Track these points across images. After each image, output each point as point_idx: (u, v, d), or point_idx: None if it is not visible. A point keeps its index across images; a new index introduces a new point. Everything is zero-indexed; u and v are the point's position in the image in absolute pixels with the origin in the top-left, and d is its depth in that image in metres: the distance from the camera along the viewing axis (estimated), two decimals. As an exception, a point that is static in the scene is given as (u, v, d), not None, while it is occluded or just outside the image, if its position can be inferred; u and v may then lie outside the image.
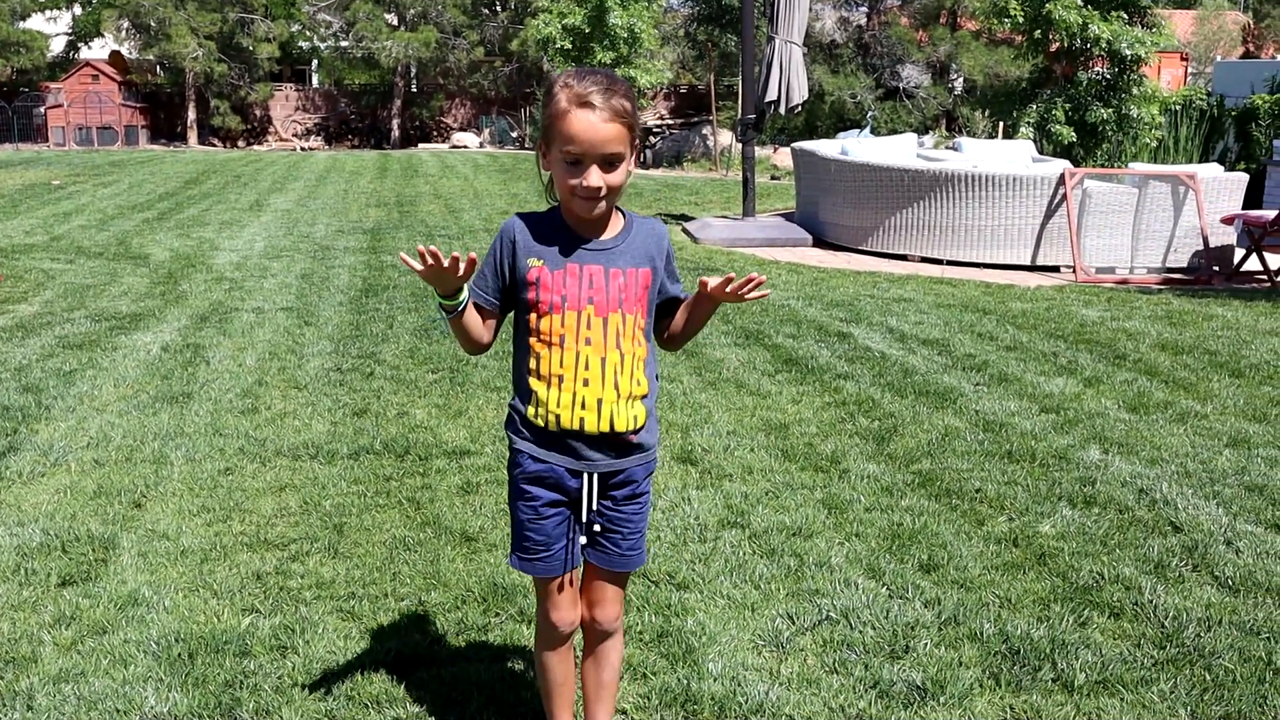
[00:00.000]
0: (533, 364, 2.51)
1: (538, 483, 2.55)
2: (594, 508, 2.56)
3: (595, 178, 2.39)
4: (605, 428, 2.49)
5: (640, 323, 2.52)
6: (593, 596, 2.68)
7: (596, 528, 2.59)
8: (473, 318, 2.54)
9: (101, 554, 4.04)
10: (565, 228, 2.50)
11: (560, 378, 2.47)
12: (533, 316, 2.50)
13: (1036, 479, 4.91)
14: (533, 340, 2.50)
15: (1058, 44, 16.52)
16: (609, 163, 2.40)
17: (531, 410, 2.52)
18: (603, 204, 2.44)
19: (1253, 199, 13.91)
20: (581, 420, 2.48)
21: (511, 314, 2.62)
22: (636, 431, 2.54)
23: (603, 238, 2.50)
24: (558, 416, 2.48)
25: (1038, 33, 16.66)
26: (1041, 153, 15.64)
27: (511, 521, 2.64)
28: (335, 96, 37.46)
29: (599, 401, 2.47)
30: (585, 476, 2.54)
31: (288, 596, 3.72)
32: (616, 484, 2.58)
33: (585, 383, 2.46)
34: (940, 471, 5.00)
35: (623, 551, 2.62)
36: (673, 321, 2.68)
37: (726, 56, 31.72)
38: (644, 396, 2.55)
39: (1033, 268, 11.26)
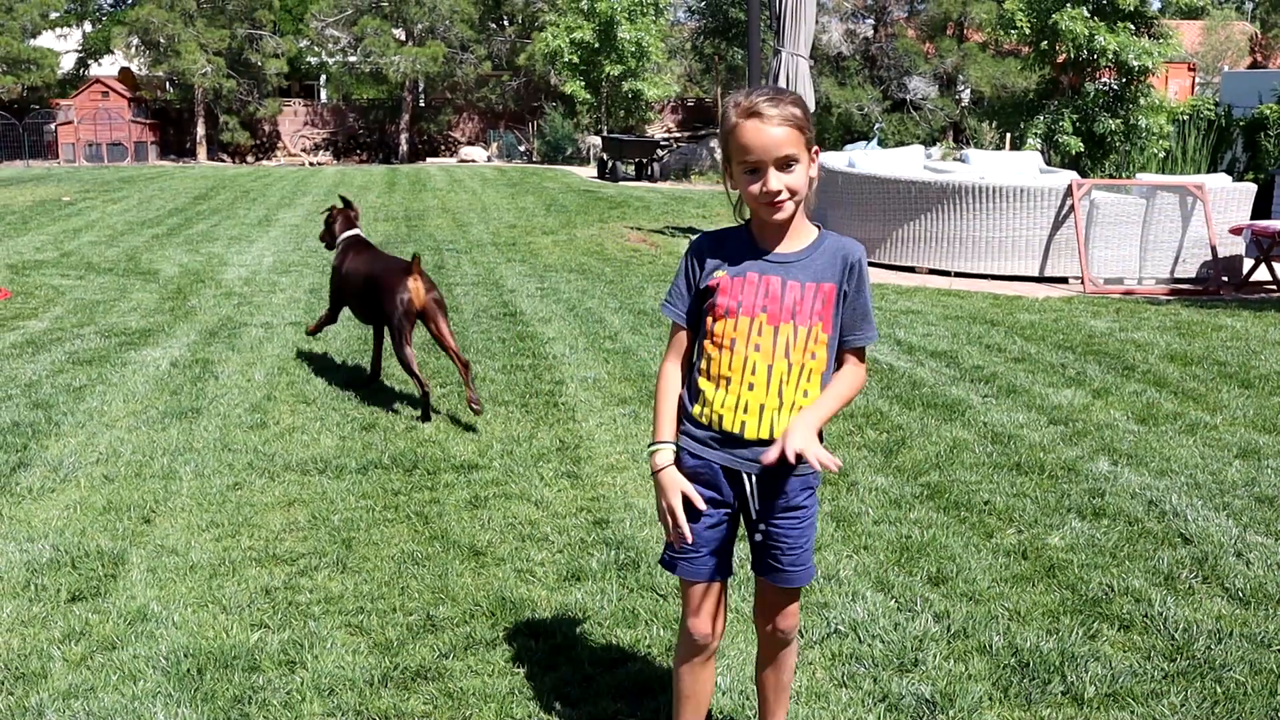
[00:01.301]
0: (704, 364, 2.58)
1: (693, 479, 2.59)
2: (758, 506, 2.58)
3: (774, 180, 2.45)
4: (765, 434, 2.52)
5: (819, 336, 2.54)
6: (767, 610, 2.72)
7: (759, 536, 2.61)
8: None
9: (111, 569, 4.04)
10: (751, 240, 2.57)
11: (727, 379, 2.53)
12: (709, 319, 2.57)
13: (1045, 491, 4.90)
14: (706, 342, 2.58)
15: (1064, 55, 16.54)
16: (785, 166, 2.45)
17: (698, 409, 2.59)
18: (789, 207, 2.49)
19: (1261, 209, 13.89)
20: (743, 424, 2.53)
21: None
22: None
23: (787, 250, 2.55)
24: (720, 417, 2.54)
25: (1044, 44, 16.68)
26: (1049, 164, 15.64)
27: (660, 517, 2.67)
28: (343, 111, 37.60)
29: (761, 407, 2.52)
30: (745, 478, 2.57)
31: (296, 611, 3.73)
32: (768, 492, 2.59)
33: (750, 387, 2.52)
34: (949, 484, 4.99)
35: (783, 567, 2.63)
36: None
37: (733, 70, 31.78)
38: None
39: (1041, 279, 11.26)
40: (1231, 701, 3.19)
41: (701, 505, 2.56)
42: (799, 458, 2.40)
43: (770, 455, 2.45)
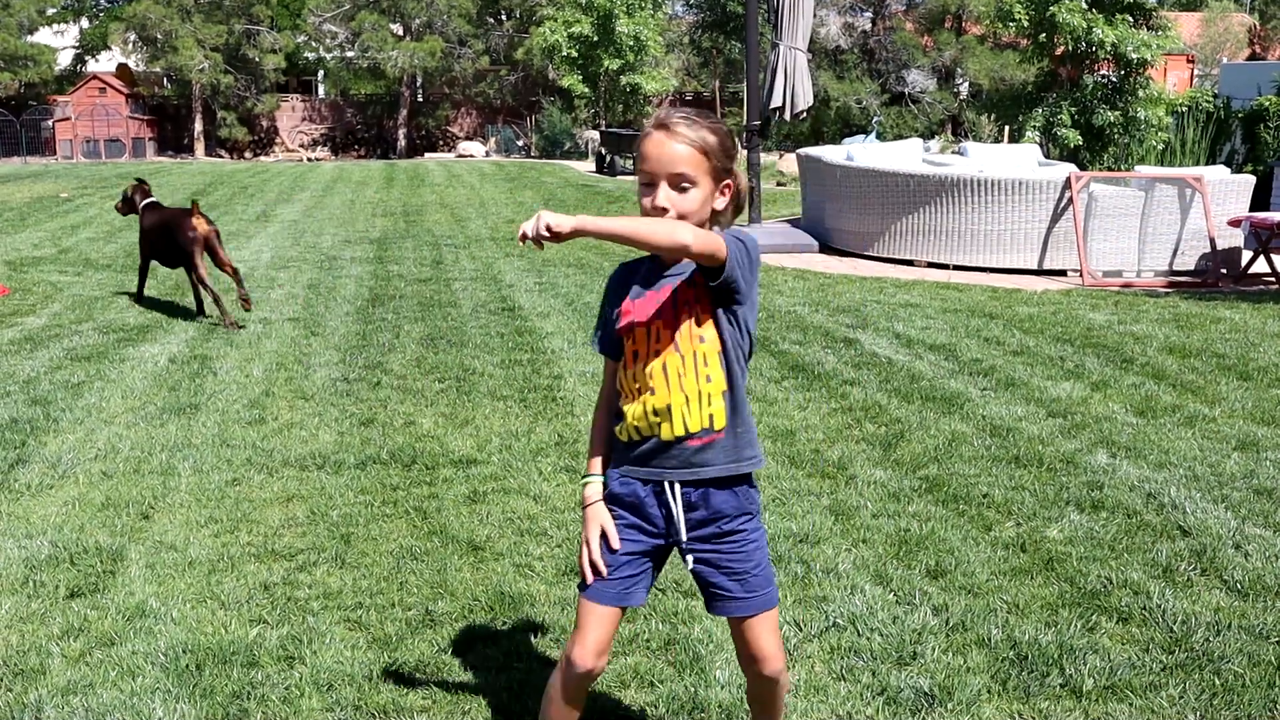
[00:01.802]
0: (620, 386, 2.53)
1: (619, 503, 2.52)
2: (683, 520, 2.48)
3: (662, 198, 2.40)
4: (680, 431, 2.44)
5: (701, 317, 2.45)
6: (747, 654, 2.56)
7: (690, 560, 2.51)
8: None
9: (109, 566, 4.04)
10: (656, 261, 2.51)
11: (637, 390, 2.47)
12: (626, 342, 2.51)
13: (1044, 484, 4.91)
14: (620, 366, 2.53)
15: (1063, 48, 16.53)
16: (678, 185, 2.40)
17: (618, 429, 2.52)
18: None
19: (1260, 201, 13.88)
20: (658, 425, 2.45)
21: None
22: (717, 432, 2.46)
23: (678, 263, 2.49)
24: (637, 428, 2.48)
25: (1042, 36, 16.66)
26: (1048, 156, 15.64)
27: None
28: (341, 107, 37.57)
29: (668, 408, 2.45)
30: (668, 486, 2.47)
31: (295, 607, 3.73)
32: (698, 521, 2.49)
33: (652, 391, 2.45)
34: (947, 477, 4.99)
35: (733, 595, 2.51)
36: None
37: (731, 63, 31.77)
38: (723, 393, 2.46)
39: (1039, 272, 11.25)
40: (1230, 693, 3.19)
41: (616, 544, 2.49)
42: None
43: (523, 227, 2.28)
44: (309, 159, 33.52)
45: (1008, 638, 3.49)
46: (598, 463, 2.58)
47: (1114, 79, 16.60)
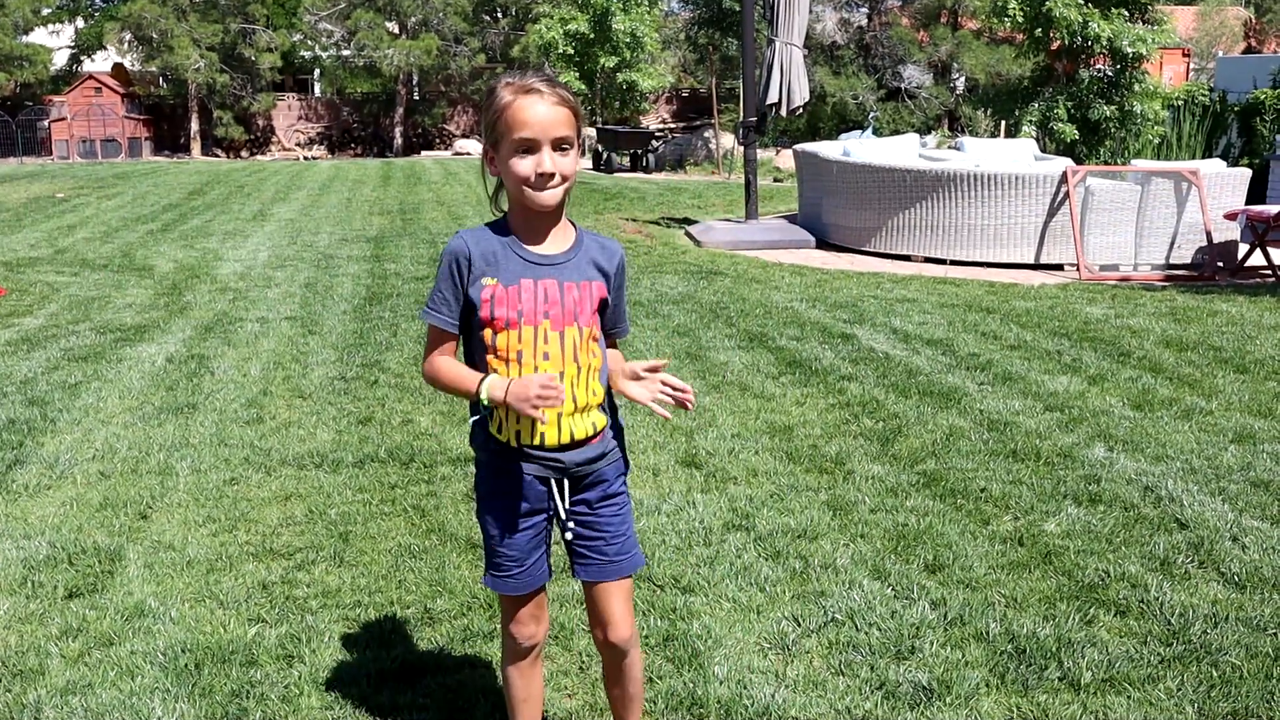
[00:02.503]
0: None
1: (505, 496, 2.53)
2: (567, 506, 2.54)
3: (548, 161, 2.38)
4: (565, 439, 2.49)
5: (595, 334, 2.51)
6: (602, 617, 2.62)
7: (569, 535, 2.55)
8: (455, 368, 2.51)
9: (108, 566, 4.04)
10: (515, 241, 2.47)
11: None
12: (488, 333, 2.45)
13: (1041, 478, 4.91)
14: (490, 357, 2.46)
15: (1059, 42, 16.52)
16: (559, 147, 2.39)
17: (494, 426, 2.50)
18: (559, 193, 2.42)
19: (1256, 194, 13.89)
20: (542, 435, 2.47)
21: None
22: (597, 435, 2.54)
23: (553, 252, 2.47)
24: (518, 432, 2.48)
25: (1038, 31, 16.66)
26: (1044, 151, 15.64)
27: (483, 538, 2.62)
28: (338, 105, 37.54)
29: (559, 416, 2.46)
30: (554, 483, 2.52)
31: (294, 606, 3.73)
32: (588, 484, 2.55)
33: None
34: (945, 471, 4.99)
35: (611, 558, 2.58)
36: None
37: (728, 60, 31.74)
38: (600, 405, 2.55)
39: (1036, 266, 11.25)
40: (1228, 685, 3.19)
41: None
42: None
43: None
44: (305, 158, 33.50)
45: (1006, 631, 3.50)
46: (473, 376, 2.49)
47: (1110, 73, 16.60)
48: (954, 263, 11.41)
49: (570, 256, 2.49)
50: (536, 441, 2.48)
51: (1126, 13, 16.38)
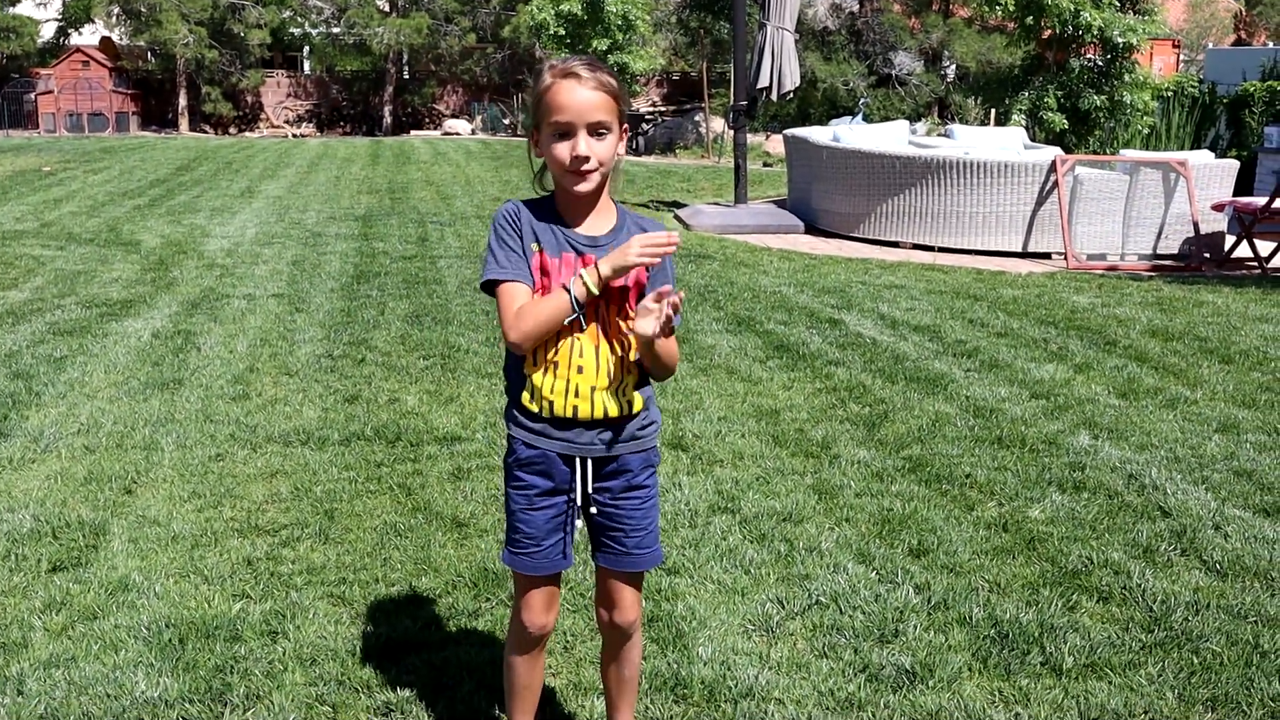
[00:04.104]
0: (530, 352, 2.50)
1: (530, 468, 2.54)
2: (589, 491, 2.53)
3: (584, 145, 2.38)
4: (599, 414, 2.48)
5: (632, 315, 2.49)
6: (609, 600, 2.65)
7: (594, 510, 2.55)
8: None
9: (92, 540, 4.03)
10: (559, 218, 2.49)
11: (555, 364, 2.47)
12: None
13: (1026, 464, 4.93)
14: None
15: (1050, 31, 16.50)
16: (596, 132, 2.40)
17: (526, 396, 2.52)
18: (595, 178, 2.42)
19: (1243, 186, 13.93)
20: (575, 408, 2.47)
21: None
22: (632, 416, 2.53)
23: (596, 234, 2.48)
24: (551, 403, 2.48)
25: (1029, 20, 16.64)
26: (1034, 140, 15.64)
27: (506, 513, 2.62)
28: (327, 83, 37.32)
29: (592, 390, 2.47)
30: (578, 461, 2.52)
31: (278, 582, 3.73)
32: (610, 472, 2.55)
33: (579, 370, 2.46)
34: (930, 457, 5.01)
35: (628, 550, 2.59)
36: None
37: (719, 43, 31.64)
38: (637, 385, 2.54)
39: (1024, 254, 11.28)
40: (1208, 672, 3.22)
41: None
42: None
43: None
44: (294, 135, 33.34)
45: (989, 616, 3.51)
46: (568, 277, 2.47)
47: (1100, 63, 16.58)
48: (942, 250, 11.42)
49: (613, 239, 2.49)
50: (569, 414, 2.47)
51: (1118, 2, 16.37)
